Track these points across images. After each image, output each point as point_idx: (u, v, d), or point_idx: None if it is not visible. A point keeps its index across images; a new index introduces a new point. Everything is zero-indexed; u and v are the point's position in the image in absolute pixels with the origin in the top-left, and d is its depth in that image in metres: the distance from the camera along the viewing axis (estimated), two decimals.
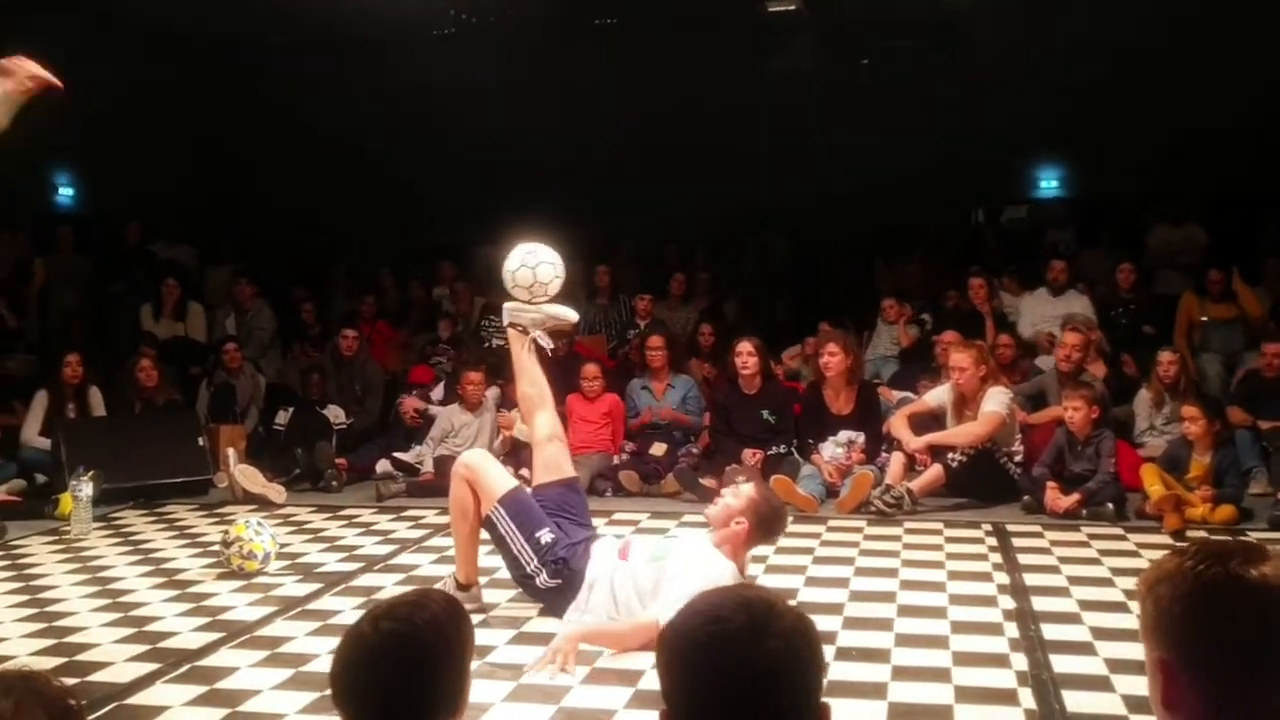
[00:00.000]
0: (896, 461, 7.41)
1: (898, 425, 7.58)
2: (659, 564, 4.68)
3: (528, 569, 4.84)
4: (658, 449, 8.21)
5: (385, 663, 1.88)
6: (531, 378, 5.32)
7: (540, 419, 5.26)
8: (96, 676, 4.25)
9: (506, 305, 5.35)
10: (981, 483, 7.32)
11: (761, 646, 1.55)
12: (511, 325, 5.33)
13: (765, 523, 4.83)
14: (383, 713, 1.87)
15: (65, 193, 13.08)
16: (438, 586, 5.12)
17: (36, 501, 7.58)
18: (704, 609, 1.62)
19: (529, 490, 5.11)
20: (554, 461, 5.21)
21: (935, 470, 7.27)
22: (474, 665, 4.07)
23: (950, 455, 7.28)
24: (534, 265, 5.16)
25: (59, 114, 5.41)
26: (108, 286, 11.41)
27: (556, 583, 4.79)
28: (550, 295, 5.23)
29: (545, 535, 4.84)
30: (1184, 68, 11.15)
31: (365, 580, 5.64)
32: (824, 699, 1.64)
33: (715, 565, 4.55)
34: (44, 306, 11.07)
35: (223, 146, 13.12)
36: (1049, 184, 13.98)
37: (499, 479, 5.01)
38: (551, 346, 5.42)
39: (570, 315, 5.43)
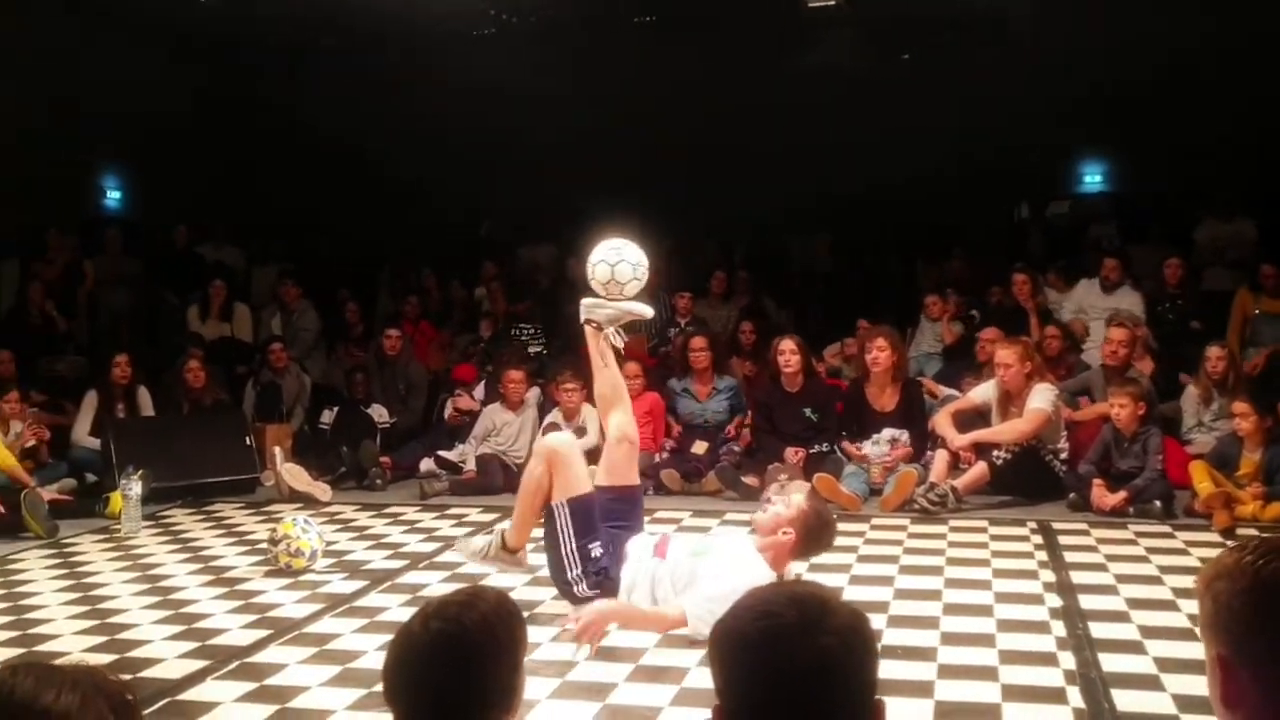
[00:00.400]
0: (940, 459, 7.36)
1: (942, 423, 7.53)
2: (697, 559, 4.69)
3: (569, 575, 4.85)
4: (699, 447, 8.20)
5: (434, 662, 1.88)
6: (607, 377, 5.28)
7: (614, 418, 5.21)
8: (148, 673, 4.31)
9: (584, 301, 5.32)
10: (1026, 480, 7.26)
11: (814, 642, 1.55)
12: (586, 322, 5.28)
13: (813, 536, 4.74)
14: (433, 711, 1.88)
15: (113, 195, 13.25)
16: (492, 530, 5.35)
17: (87, 500, 7.69)
18: (755, 605, 1.62)
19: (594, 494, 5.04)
20: (621, 465, 5.15)
21: (980, 468, 7.22)
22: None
23: (995, 453, 7.23)
24: (614, 263, 5.12)
25: (107, 118, 5.51)
26: (156, 288, 11.55)
27: (595, 593, 4.79)
28: (626, 294, 5.18)
29: (596, 549, 4.83)
30: (1230, 61, 11.02)
31: (411, 578, 5.68)
32: (879, 697, 1.63)
33: (754, 569, 4.50)
34: (93, 308, 11.21)
35: (268, 149, 13.25)
36: (1093, 179, 13.85)
37: (578, 477, 4.97)
38: (623, 343, 5.38)
39: (645, 311, 5.37)
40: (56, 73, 11.29)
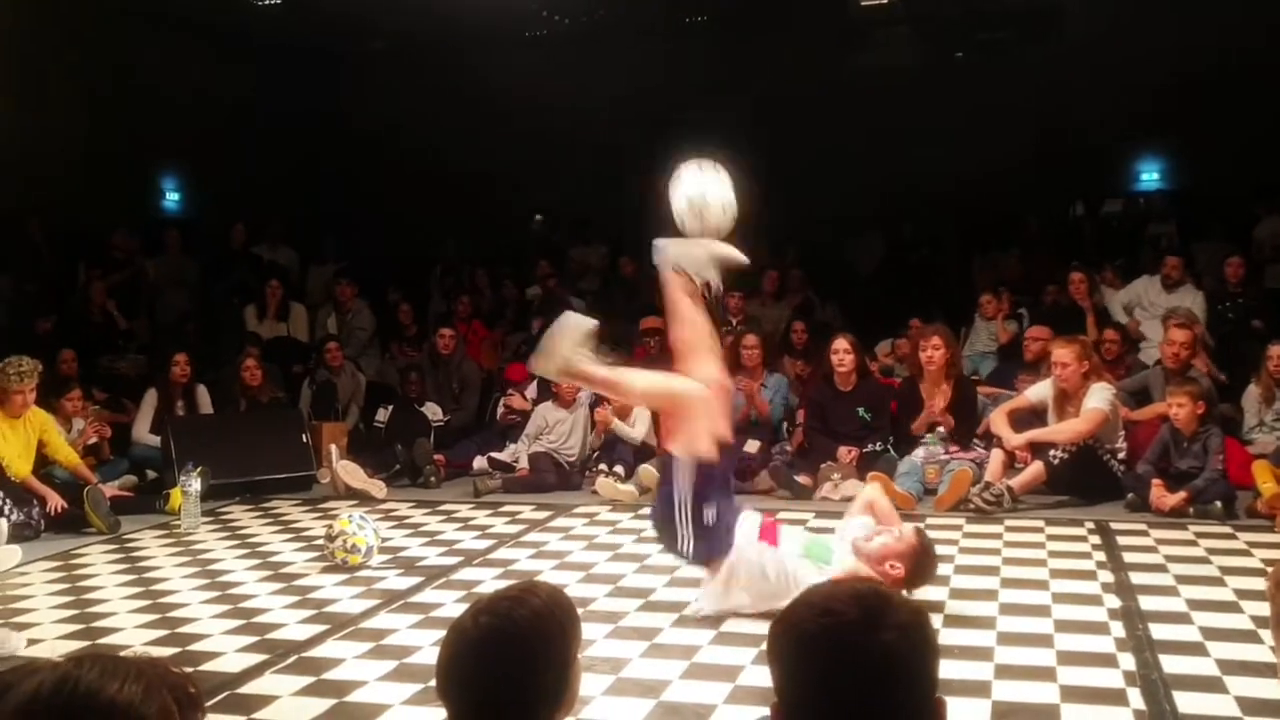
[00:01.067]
0: (996, 459, 7.29)
1: (998, 422, 7.46)
2: (814, 566, 4.61)
3: (678, 532, 4.69)
4: (751, 446, 8.17)
5: (485, 657, 1.89)
6: (692, 322, 4.80)
7: (706, 368, 4.76)
8: (208, 666, 4.37)
9: (666, 245, 4.90)
10: (1084, 480, 7.18)
11: (877, 639, 1.54)
12: (676, 271, 4.85)
13: (921, 572, 4.70)
14: (485, 707, 1.89)
15: (172, 197, 13.45)
16: None
17: (148, 496, 7.81)
18: (816, 602, 1.61)
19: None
20: (726, 420, 4.77)
21: (1036, 467, 7.15)
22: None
23: (1051, 452, 7.15)
24: (702, 202, 4.80)
25: (166, 120, 5.61)
26: (214, 288, 11.71)
27: (699, 557, 4.75)
28: (718, 233, 4.84)
29: (709, 513, 4.63)
30: None
31: (465, 574, 5.71)
32: (940, 695, 1.62)
33: None
34: (153, 308, 11.39)
35: (321, 150, 13.39)
36: (1150, 176, 13.66)
37: (706, 433, 4.59)
38: (720, 289, 4.96)
39: (740, 258, 4.94)
40: (116, 75, 11.49)
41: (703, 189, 4.84)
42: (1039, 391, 7.54)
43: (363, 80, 13.69)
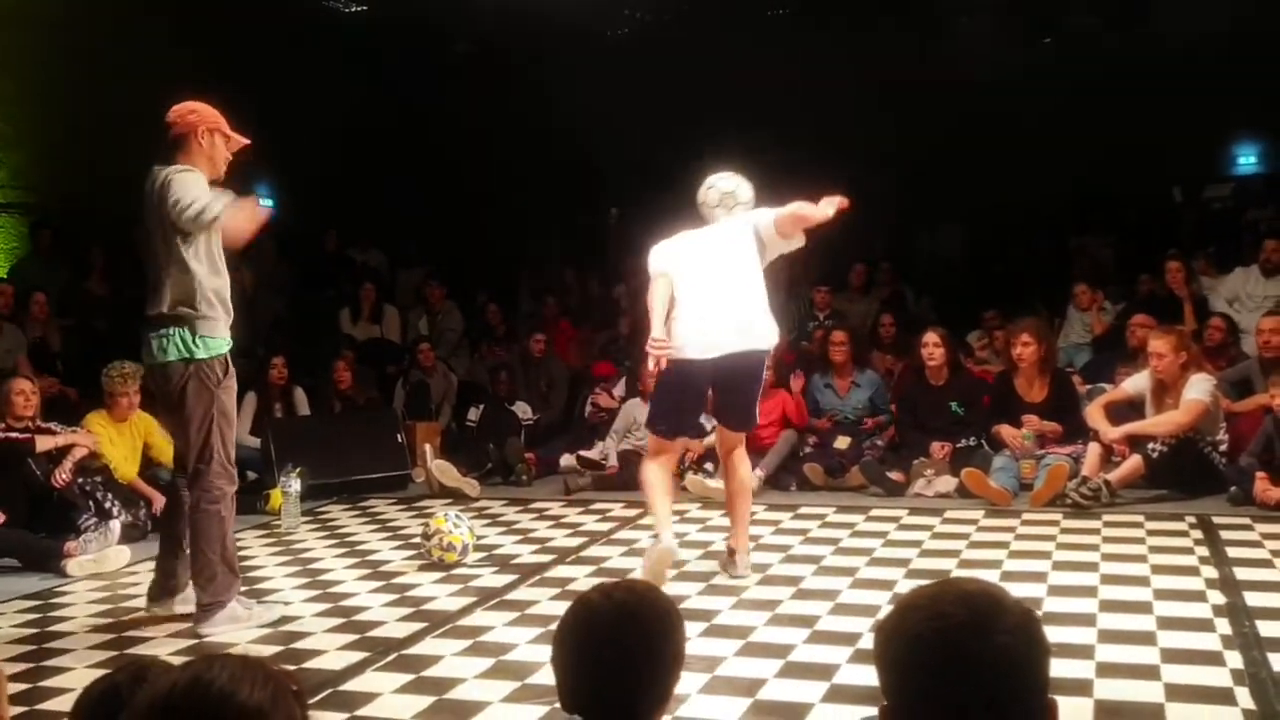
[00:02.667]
0: (1093, 452, 7.16)
1: (1094, 414, 7.33)
2: None
3: None
4: (841, 442, 8.13)
5: (618, 627, 1.94)
6: None
7: None
8: (311, 664, 4.47)
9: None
10: (1184, 474, 7.02)
11: (990, 641, 1.53)
12: None
13: None
14: (600, 678, 1.92)
15: (265, 203, 13.72)
16: None
17: (249, 497, 7.94)
18: (923, 604, 1.60)
19: None
20: None
21: (1134, 461, 7.01)
22: None
23: (1150, 445, 7.00)
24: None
25: (257, 127, 5.75)
26: (309, 291, 11.93)
27: None
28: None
29: None
30: None
31: (559, 572, 5.77)
32: (1053, 696, 1.60)
33: None
34: (251, 313, 11.63)
35: (408, 154, 13.57)
36: (1248, 160, 13.30)
37: None
38: None
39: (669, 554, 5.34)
40: (205, 77, 11.74)
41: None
42: (1137, 383, 7.39)
43: (447, 83, 13.84)
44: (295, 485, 7.22)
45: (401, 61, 13.49)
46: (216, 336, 4.89)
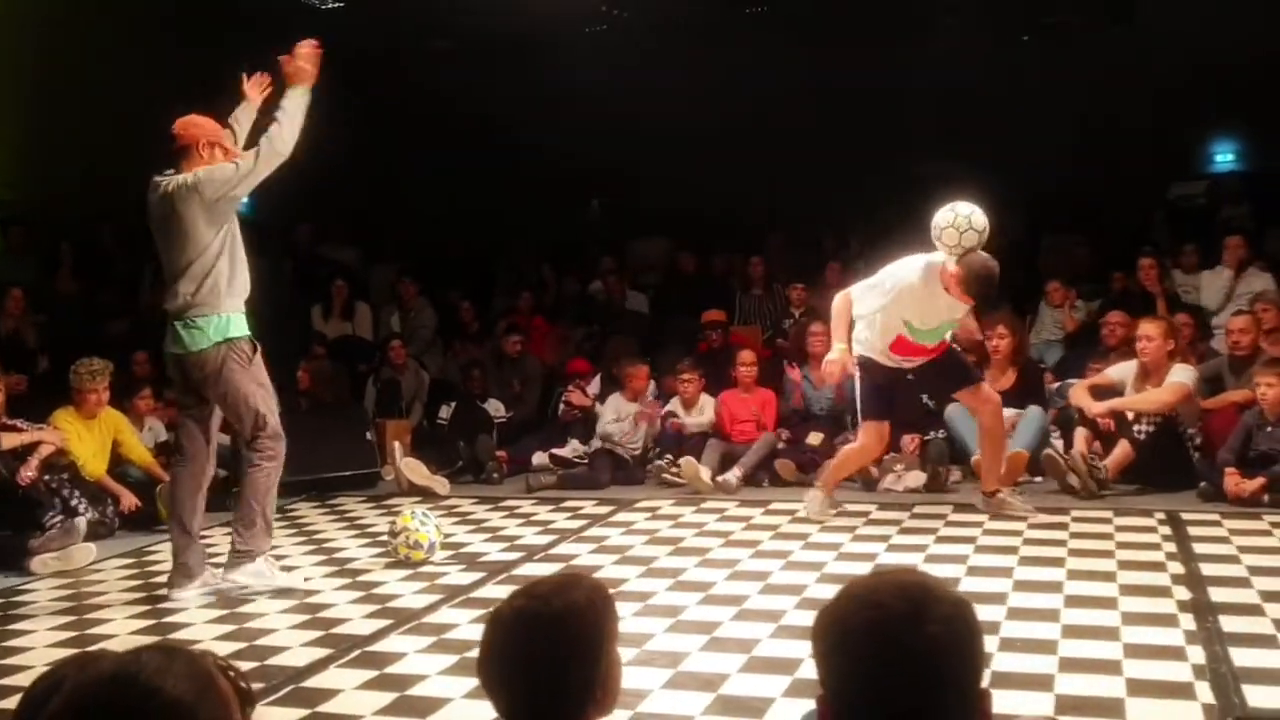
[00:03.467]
0: (1080, 439, 7.24)
1: (1079, 394, 7.43)
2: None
3: None
4: (814, 438, 8.14)
5: (519, 640, 1.89)
6: None
7: None
8: (275, 660, 4.45)
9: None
10: (1164, 460, 7.08)
11: (920, 631, 1.53)
12: None
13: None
14: (518, 691, 1.89)
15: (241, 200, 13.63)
16: None
17: (218, 494, 7.87)
18: (860, 594, 1.60)
19: None
20: None
21: (1124, 448, 7.10)
22: (632, 654, 4.14)
23: (1136, 428, 7.12)
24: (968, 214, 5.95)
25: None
26: (281, 288, 11.84)
27: None
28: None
29: None
30: None
31: (526, 569, 5.74)
32: (985, 686, 1.60)
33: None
34: None
35: (384, 149, 13.51)
36: (1224, 158, 13.36)
37: None
38: None
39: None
40: (171, 79, 11.67)
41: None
42: (1121, 371, 7.47)
43: (425, 79, 13.79)
44: None
45: (379, 56, 13.43)
46: (242, 318, 5.36)
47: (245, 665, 4.32)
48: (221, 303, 5.27)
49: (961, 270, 5.89)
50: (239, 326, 5.35)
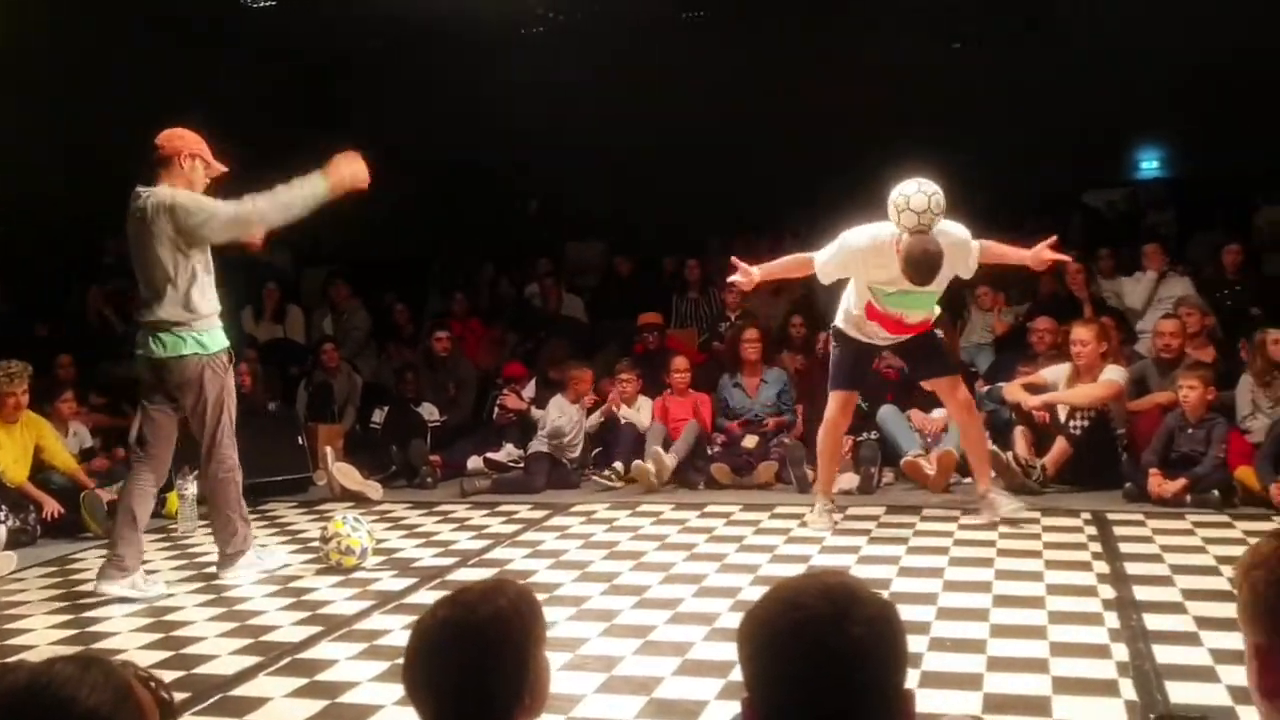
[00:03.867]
0: (1020, 437, 7.38)
1: (1013, 390, 7.58)
2: None
3: None
4: (749, 441, 8.17)
5: (443, 650, 1.87)
6: None
7: None
8: (202, 669, 4.38)
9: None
10: (1098, 457, 7.22)
11: (843, 632, 1.54)
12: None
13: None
14: (443, 699, 1.87)
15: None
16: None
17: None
18: (785, 596, 1.61)
19: None
20: None
21: (1061, 445, 7.21)
22: (566, 658, 4.12)
23: (1071, 424, 7.23)
24: (930, 193, 5.82)
25: (155, 125, 5.70)
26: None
27: None
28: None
29: None
30: None
31: (460, 575, 5.70)
32: (909, 687, 1.62)
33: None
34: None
35: (318, 149, 13.36)
36: (1150, 165, 13.65)
37: None
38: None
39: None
40: (109, 78, 11.48)
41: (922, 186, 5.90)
42: (1054, 373, 7.61)
43: (359, 79, 13.68)
44: (192, 489, 7.06)
45: (310, 56, 13.30)
46: (219, 332, 5.58)
47: (170, 675, 4.25)
48: (198, 318, 5.46)
49: (901, 251, 5.85)
50: (217, 340, 5.56)
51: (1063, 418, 7.37)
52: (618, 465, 7.93)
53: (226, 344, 5.62)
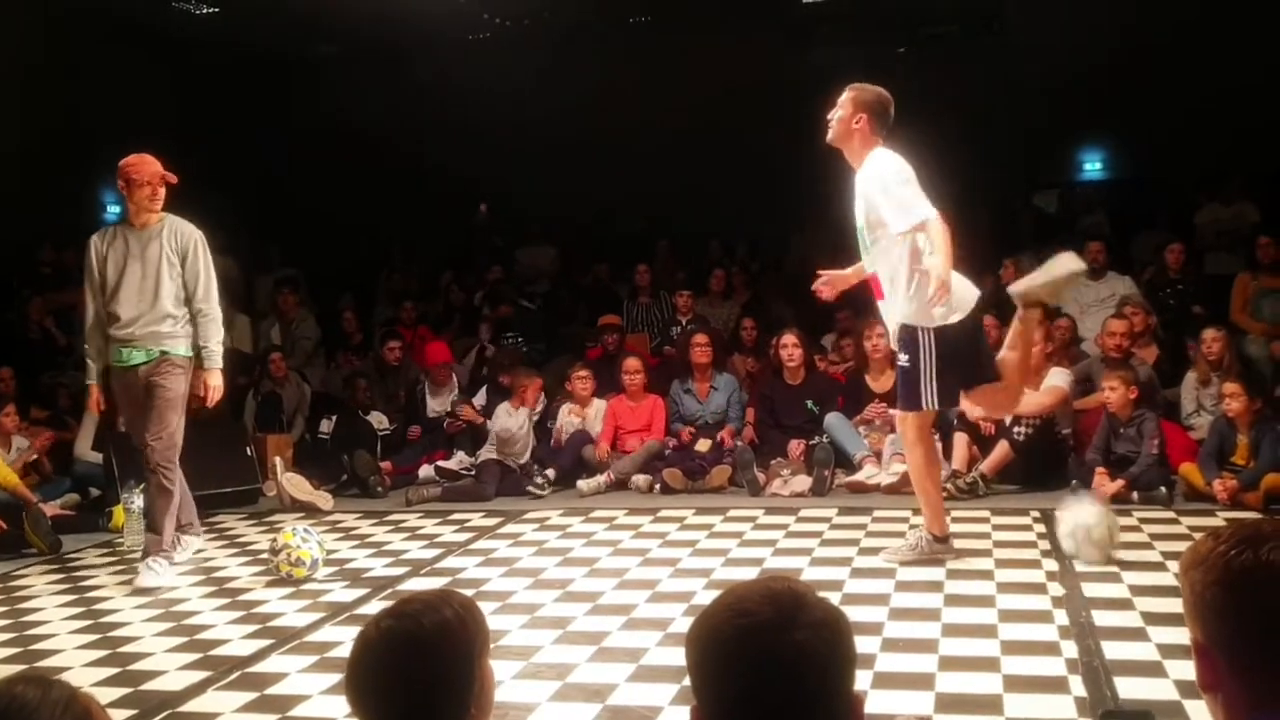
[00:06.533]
0: (960, 443, 7.39)
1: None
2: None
3: None
4: (702, 445, 8.18)
5: (385, 661, 1.85)
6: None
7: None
8: (150, 685, 4.32)
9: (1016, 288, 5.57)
10: (1042, 461, 7.28)
11: (789, 638, 1.54)
12: (1030, 304, 5.56)
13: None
14: (395, 712, 1.84)
15: (113, 210, 13.26)
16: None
17: (90, 515, 7.70)
18: (731, 603, 1.60)
19: None
20: None
21: (1002, 448, 7.26)
22: (520, 666, 4.10)
23: (1015, 429, 7.28)
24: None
25: (102, 131, 5.68)
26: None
27: None
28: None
29: None
30: (1227, 42, 10.99)
31: (412, 585, 5.67)
32: (859, 689, 1.62)
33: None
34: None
35: (266, 157, 13.25)
36: (1092, 165, 13.81)
37: None
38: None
39: (1078, 264, 5.52)
40: (51, 88, 11.31)
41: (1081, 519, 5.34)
42: None
43: (307, 85, 13.57)
44: (139, 502, 6.93)
45: (259, 62, 13.17)
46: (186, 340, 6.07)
47: (117, 691, 4.20)
48: (182, 329, 6.00)
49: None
50: (185, 347, 6.02)
51: (1007, 421, 7.43)
52: (549, 473, 7.99)
53: (189, 352, 6.06)
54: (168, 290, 5.95)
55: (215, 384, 6.09)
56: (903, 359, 5.33)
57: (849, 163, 5.58)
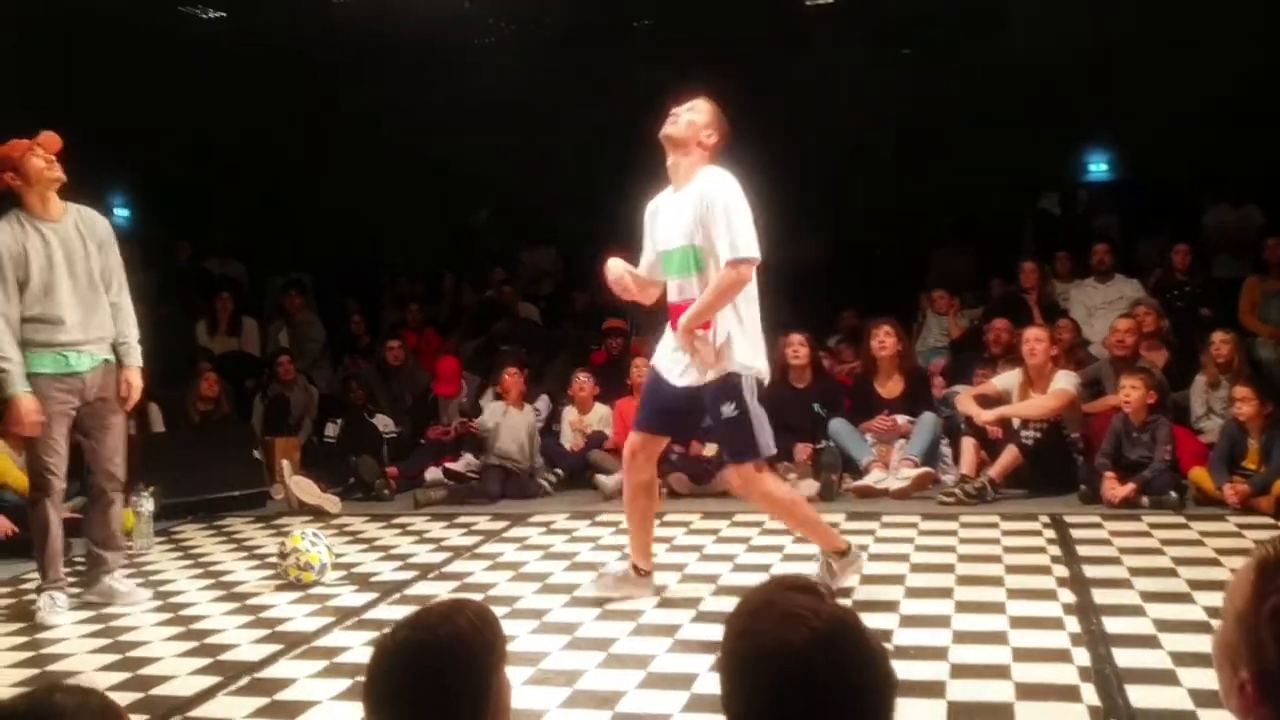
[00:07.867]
0: (969, 448, 7.38)
1: (965, 402, 7.58)
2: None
3: None
4: (709, 450, 8.17)
5: (403, 672, 1.85)
6: None
7: None
8: (160, 690, 4.31)
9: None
10: (1051, 465, 7.27)
11: (842, 673, 1.54)
12: None
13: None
14: None
15: (121, 214, 13.27)
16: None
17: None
18: (780, 614, 1.59)
19: None
20: None
21: (1011, 453, 7.24)
22: (529, 672, 4.09)
23: (1024, 434, 7.28)
24: None
25: (110, 136, 5.66)
26: (164, 303, 11.54)
27: None
28: None
29: None
30: (1234, 44, 10.96)
31: (420, 589, 5.66)
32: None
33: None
34: None
35: (273, 161, 13.26)
36: (1099, 168, 13.78)
37: None
38: None
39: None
40: (58, 91, 11.31)
41: None
42: (1005, 381, 7.66)
43: (312, 90, 13.58)
44: (148, 505, 6.95)
45: (263, 66, 13.18)
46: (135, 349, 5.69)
47: (129, 696, 4.20)
48: (120, 332, 5.59)
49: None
50: (133, 357, 5.64)
51: (1015, 425, 7.42)
52: (558, 471, 8.02)
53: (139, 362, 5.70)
54: (100, 285, 5.48)
55: (136, 382, 5.57)
56: (728, 409, 4.89)
57: (668, 170, 5.19)
